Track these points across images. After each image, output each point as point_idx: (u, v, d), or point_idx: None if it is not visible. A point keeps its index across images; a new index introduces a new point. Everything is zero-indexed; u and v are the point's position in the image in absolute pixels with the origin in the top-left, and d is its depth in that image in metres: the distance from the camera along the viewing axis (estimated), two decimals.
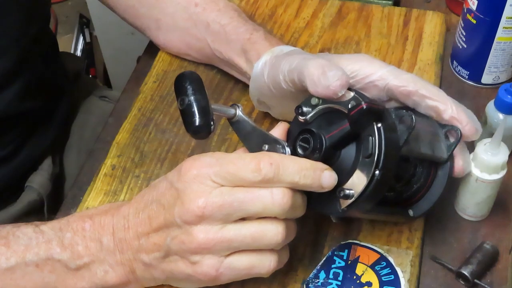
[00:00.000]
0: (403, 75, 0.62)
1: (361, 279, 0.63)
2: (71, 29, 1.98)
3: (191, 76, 0.58)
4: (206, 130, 0.56)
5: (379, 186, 0.55)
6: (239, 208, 0.54)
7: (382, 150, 0.55)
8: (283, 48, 0.69)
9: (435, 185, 0.62)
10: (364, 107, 0.55)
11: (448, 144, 0.61)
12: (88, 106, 0.96)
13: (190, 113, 0.56)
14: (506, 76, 0.81)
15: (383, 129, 0.55)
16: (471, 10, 0.77)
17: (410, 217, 0.62)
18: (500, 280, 0.64)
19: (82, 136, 0.93)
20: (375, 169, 0.55)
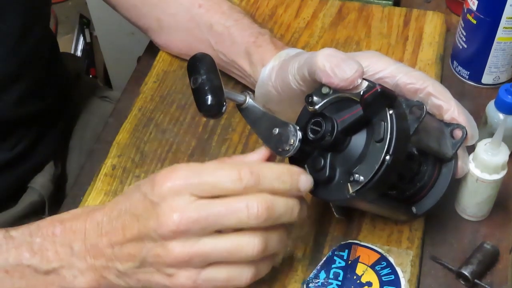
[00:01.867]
0: (412, 72, 0.62)
1: (362, 279, 0.63)
2: (71, 29, 1.98)
3: (205, 57, 0.58)
4: (218, 110, 0.55)
5: (388, 171, 0.55)
6: (214, 222, 0.53)
7: (394, 135, 0.55)
8: (289, 52, 0.69)
9: (439, 183, 0.62)
10: (379, 90, 0.55)
11: (454, 142, 0.62)
12: (88, 107, 0.96)
13: (203, 91, 0.55)
14: (507, 76, 0.81)
15: (395, 115, 0.55)
16: (471, 10, 0.77)
17: (413, 214, 0.62)
18: (500, 280, 0.64)
19: (83, 136, 0.93)
20: (386, 153, 0.55)
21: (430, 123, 0.61)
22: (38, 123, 0.83)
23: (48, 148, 0.86)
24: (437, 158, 0.62)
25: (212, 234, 0.53)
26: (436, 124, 0.62)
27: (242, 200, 0.53)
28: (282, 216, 0.55)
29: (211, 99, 0.55)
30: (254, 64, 0.72)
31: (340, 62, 0.57)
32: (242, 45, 0.74)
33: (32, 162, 0.83)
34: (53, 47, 0.90)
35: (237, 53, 0.75)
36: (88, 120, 0.94)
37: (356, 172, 0.56)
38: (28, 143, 0.82)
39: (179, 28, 0.81)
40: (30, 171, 0.84)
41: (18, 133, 0.80)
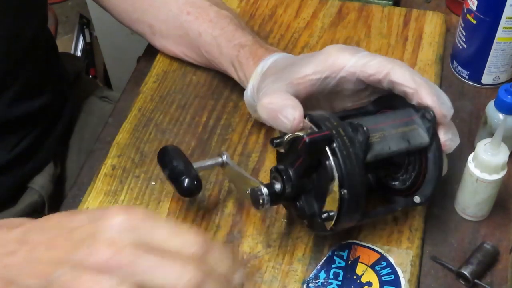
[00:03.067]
0: (371, 62, 0.62)
1: (361, 279, 0.63)
2: (71, 29, 1.98)
3: (169, 148, 0.67)
4: (196, 189, 0.63)
5: (351, 201, 0.57)
6: (143, 273, 0.48)
7: (342, 170, 0.56)
8: (264, 66, 0.69)
9: (430, 168, 0.62)
10: (307, 141, 0.57)
11: (427, 127, 0.61)
12: (88, 107, 0.96)
13: (178, 178, 0.64)
14: (506, 76, 0.81)
15: (337, 150, 0.57)
16: (471, 10, 0.77)
17: (416, 203, 0.62)
18: (500, 280, 0.64)
19: (82, 136, 0.93)
20: (340, 189, 0.57)
21: (389, 126, 0.61)
22: (37, 124, 0.83)
23: (48, 148, 0.86)
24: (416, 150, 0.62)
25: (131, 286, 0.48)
26: (400, 119, 0.62)
27: (179, 266, 0.49)
28: None
29: (187, 181, 0.63)
30: (241, 79, 0.73)
31: (278, 114, 0.60)
32: (228, 57, 0.74)
33: (32, 162, 0.83)
34: (50, 47, 0.90)
35: (226, 65, 0.75)
36: (87, 120, 0.94)
37: (325, 210, 0.59)
38: (27, 144, 0.82)
39: (171, 35, 0.81)
40: (30, 171, 0.84)
41: (17, 134, 0.80)
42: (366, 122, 0.60)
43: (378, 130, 0.60)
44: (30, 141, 0.82)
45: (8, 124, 0.78)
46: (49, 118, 0.86)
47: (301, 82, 0.63)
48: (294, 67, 0.64)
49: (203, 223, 0.68)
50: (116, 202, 0.70)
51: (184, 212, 0.70)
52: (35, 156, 0.83)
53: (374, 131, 0.60)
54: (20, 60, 0.77)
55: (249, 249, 0.66)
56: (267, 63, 0.69)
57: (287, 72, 0.64)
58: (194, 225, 0.68)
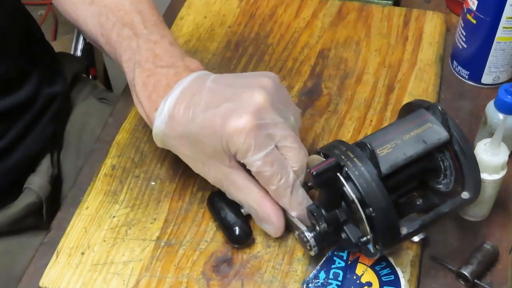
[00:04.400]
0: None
1: (361, 279, 0.63)
2: (71, 29, 1.97)
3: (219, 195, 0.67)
4: (245, 238, 0.65)
5: (380, 218, 0.56)
6: None
7: (360, 190, 0.56)
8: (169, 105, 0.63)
9: (462, 161, 0.60)
10: (314, 173, 0.57)
11: (440, 121, 0.60)
12: (87, 108, 0.96)
13: (227, 227, 0.66)
14: (506, 76, 0.81)
15: (350, 173, 0.57)
16: (471, 10, 0.77)
17: (465, 200, 0.61)
18: (500, 280, 0.64)
19: (80, 138, 0.93)
20: (364, 210, 0.57)
21: (398, 133, 0.60)
22: (23, 117, 0.82)
23: (39, 143, 0.85)
24: (441, 146, 0.61)
25: None
26: (409, 124, 0.61)
27: None
28: None
29: (238, 230, 0.65)
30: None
31: (262, 223, 0.65)
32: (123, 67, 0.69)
33: (22, 157, 0.83)
34: (30, 43, 0.87)
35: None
36: (86, 121, 0.94)
37: (361, 236, 0.59)
38: (14, 137, 0.81)
39: None
40: (22, 168, 0.84)
41: (1, 126, 0.80)
42: (374, 136, 0.60)
43: (388, 141, 0.60)
44: (19, 136, 0.82)
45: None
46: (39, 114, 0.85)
47: None
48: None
49: (203, 223, 0.68)
50: (116, 202, 0.71)
51: (184, 212, 0.70)
52: (24, 152, 0.83)
53: (385, 143, 0.59)
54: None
55: (249, 249, 0.66)
56: (162, 121, 0.63)
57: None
58: (194, 225, 0.68)
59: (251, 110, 0.60)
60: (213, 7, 0.93)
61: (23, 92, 0.83)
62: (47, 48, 0.94)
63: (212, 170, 0.64)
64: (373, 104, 0.79)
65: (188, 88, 0.63)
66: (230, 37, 0.89)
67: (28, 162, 0.85)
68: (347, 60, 0.85)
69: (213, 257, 0.66)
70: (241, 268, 0.64)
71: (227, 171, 0.63)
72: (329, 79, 0.83)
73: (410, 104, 0.64)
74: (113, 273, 0.65)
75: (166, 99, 0.63)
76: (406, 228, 0.59)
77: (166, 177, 0.73)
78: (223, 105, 0.61)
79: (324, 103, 0.80)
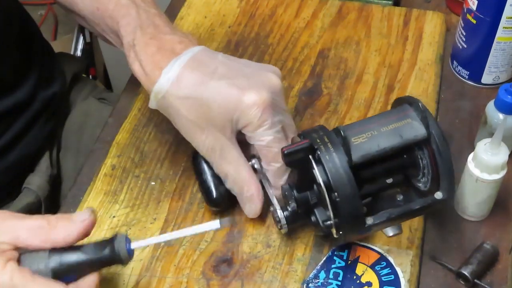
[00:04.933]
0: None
1: (361, 279, 0.63)
2: (71, 29, 1.97)
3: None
4: (221, 201, 0.67)
5: (345, 203, 0.57)
6: None
7: (327, 174, 0.57)
8: (169, 79, 0.64)
9: (438, 161, 0.60)
10: (285, 152, 0.58)
11: (420, 118, 0.60)
12: (86, 108, 0.95)
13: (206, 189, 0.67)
14: (506, 76, 0.81)
15: (321, 156, 0.57)
16: (471, 10, 0.77)
17: (438, 200, 0.60)
18: (500, 280, 0.64)
19: (80, 138, 0.93)
20: (329, 195, 0.57)
21: (376, 125, 0.61)
22: (22, 116, 0.83)
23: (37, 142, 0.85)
24: (420, 142, 0.61)
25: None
26: (389, 118, 0.61)
27: None
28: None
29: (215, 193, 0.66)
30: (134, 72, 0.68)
31: (243, 192, 0.65)
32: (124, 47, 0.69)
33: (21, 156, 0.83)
34: (28, 44, 0.87)
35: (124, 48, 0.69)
36: (85, 121, 0.94)
37: (325, 220, 0.60)
38: (13, 137, 0.81)
39: None
40: (21, 167, 0.84)
41: (2, 124, 0.80)
42: (353, 125, 0.61)
43: (365, 131, 0.60)
44: (18, 135, 0.82)
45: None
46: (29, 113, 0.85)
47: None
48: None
49: (203, 223, 0.68)
50: (116, 202, 0.71)
51: (184, 212, 0.70)
52: (23, 151, 0.83)
53: (361, 132, 0.60)
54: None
55: (249, 249, 0.66)
56: (169, 79, 0.64)
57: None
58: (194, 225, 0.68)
59: (270, 90, 0.63)
60: (213, 7, 0.93)
61: (21, 92, 0.82)
62: (45, 48, 0.93)
63: (209, 138, 0.64)
64: (373, 104, 0.79)
65: (197, 57, 0.64)
66: (230, 37, 0.89)
67: (27, 161, 0.85)
68: (347, 60, 0.85)
69: (213, 257, 0.66)
70: (241, 268, 0.65)
71: (224, 142, 0.63)
72: (329, 79, 0.83)
73: (400, 99, 0.64)
74: (113, 273, 0.65)
75: (175, 60, 0.64)
76: (372, 219, 0.60)
77: (166, 177, 0.73)
78: (241, 78, 0.63)
79: (324, 103, 0.80)
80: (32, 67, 0.85)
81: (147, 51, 0.65)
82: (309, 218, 0.63)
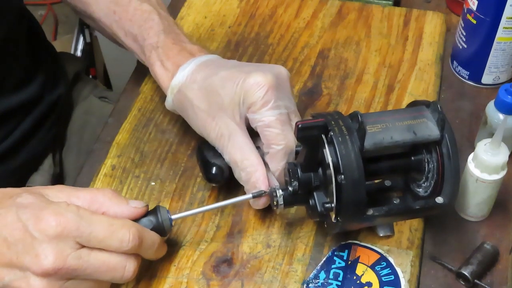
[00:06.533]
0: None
1: (361, 279, 0.63)
2: (71, 29, 1.98)
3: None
4: (220, 177, 0.67)
5: (349, 187, 0.57)
6: (90, 274, 0.55)
7: (338, 155, 0.57)
8: (180, 79, 0.68)
9: (446, 165, 0.60)
10: (300, 126, 0.58)
11: (436, 119, 0.60)
12: (88, 107, 0.96)
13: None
14: (506, 76, 0.81)
15: (334, 137, 0.57)
16: (471, 10, 0.77)
17: (438, 204, 0.60)
18: (500, 281, 0.64)
19: (82, 136, 0.93)
20: (336, 176, 0.57)
21: (392, 119, 0.60)
22: (28, 118, 0.83)
23: (43, 144, 0.86)
24: (430, 145, 0.61)
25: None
26: (406, 115, 0.61)
27: (122, 262, 0.56)
28: None
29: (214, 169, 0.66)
30: (157, 79, 0.72)
31: (250, 180, 0.64)
32: (145, 56, 0.73)
33: (27, 158, 0.83)
34: (32, 44, 0.88)
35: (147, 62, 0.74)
36: (87, 120, 0.94)
37: (326, 202, 0.59)
38: (19, 139, 0.81)
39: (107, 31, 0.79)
40: (26, 168, 0.84)
41: (4, 128, 0.80)
42: (369, 115, 0.61)
43: (380, 122, 0.60)
44: (24, 137, 0.82)
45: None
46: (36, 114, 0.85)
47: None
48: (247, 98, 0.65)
49: (203, 223, 0.68)
50: None
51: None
52: (29, 153, 0.83)
53: (376, 123, 0.60)
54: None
55: (249, 249, 0.66)
56: (184, 74, 0.68)
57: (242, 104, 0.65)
58: (194, 225, 0.68)
59: (276, 74, 0.65)
60: (213, 7, 0.93)
61: (28, 92, 0.83)
62: (49, 48, 0.94)
63: (219, 124, 0.65)
64: (373, 104, 0.79)
65: (213, 59, 0.70)
66: (230, 37, 0.89)
67: (33, 162, 0.85)
68: (347, 60, 0.85)
69: (213, 257, 0.66)
70: (241, 268, 0.65)
71: (233, 128, 0.64)
72: (329, 79, 0.83)
73: (416, 102, 0.64)
74: None
75: (192, 59, 0.69)
76: (372, 210, 0.59)
77: (166, 177, 0.73)
78: (249, 66, 0.68)
79: (324, 103, 0.80)
80: (40, 67, 0.86)
81: (169, 53, 0.70)
82: (306, 201, 0.62)
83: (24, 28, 0.85)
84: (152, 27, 0.72)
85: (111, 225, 0.55)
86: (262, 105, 0.63)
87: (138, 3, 0.74)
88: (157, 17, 0.73)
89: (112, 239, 0.55)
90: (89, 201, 0.58)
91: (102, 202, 0.58)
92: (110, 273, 0.56)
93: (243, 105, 0.64)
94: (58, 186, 0.60)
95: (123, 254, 0.56)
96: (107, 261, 0.55)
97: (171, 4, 0.96)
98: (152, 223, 0.60)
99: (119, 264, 0.56)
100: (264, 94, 0.63)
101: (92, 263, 0.55)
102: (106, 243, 0.55)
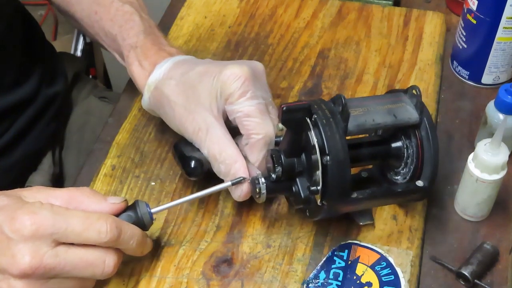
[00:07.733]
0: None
1: (361, 279, 0.63)
2: (71, 29, 1.97)
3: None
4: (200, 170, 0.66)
5: (335, 168, 0.57)
6: (70, 272, 0.55)
7: (323, 137, 0.57)
8: (156, 78, 0.68)
9: (425, 148, 0.62)
10: (284, 108, 0.58)
11: (414, 103, 0.62)
12: (87, 107, 0.96)
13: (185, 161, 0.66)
14: (506, 76, 0.81)
15: (318, 120, 0.58)
16: (471, 10, 0.77)
17: (419, 187, 0.61)
18: (500, 281, 0.64)
19: (82, 136, 0.93)
20: (321, 158, 0.57)
21: (374, 102, 0.62)
22: (24, 113, 0.83)
23: (40, 141, 0.85)
24: (409, 130, 0.62)
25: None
26: (387, 99, 0.62)
27: (101, 256, 0.56)
28: None
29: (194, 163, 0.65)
30: (133, 79, 0.72)
31: (230, 171, 0.63)
32: (124, 55, 0.74)
33: (24, 155, 0.83)
34: (29, 45, 0.88)
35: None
36: (86, 120, 0.94)
37: (311, 185, 0.59)
38: (16, 136, 0.81)
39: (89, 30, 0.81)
40: (24, 166, 0.84)
41: (1, 124, 0.80)
42: (351, 100, 0.61)
43: (362, 106, 0.61)
44: (21, 134, 0.82)
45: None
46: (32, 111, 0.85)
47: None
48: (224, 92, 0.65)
49: (203, 223, 0.68)
50: None
51: (184, 212, 0.70)
52: (26, 150, 0.83)
53: (358, 106, 0.61)
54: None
55: (249, 249, 0.66)
56: (161, 72, 0.68)
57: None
58: (194, 225, 0.68)
59: (251, 67, 0.65)
60: (213, 7, 0.93)
61: (24, 90, 0.83)
62: (48, 47, 0.94)
63: (197, 118, 0.64)
64: None
65: (189, 59, 0.70)
66: (230, 37, 0.89)
67: (29, 160, 0.85)
68: (347, 60, 0.85)
69: (213, 257, 0.66)
70: (241, 268, 0.65)
71: (211, 121, 0.64)
72: (329, 79, 0.83)
73: (393, 90, 0.66)
74: None
75: (169, 58, 0.69)
76: (356, 193, 0.60)
77: (166, 177, 0.73)
78: (225, 62, 0.67)
79: None
80: (35, 66, 0.86)
81: (147, 52, 0.71)
82: (289, 188, 0.63)
83: (20, 28, 0.85)
84: (132, 27, 0.73)
85: (87, 218, 0.55)
86: (239, 95, 0.63)
87: (120, 4, 0.75)
88: (138, 19, 0.74)
89: (89, 231, 0.55)
90: (67, 200, 0.57)
91: (81, 201, 0.58)
92: (90, 268, 0.56)
93: (220, 97, 0.64)
94: (36, 187, 0.60)
95: (102, 248, 0.56)
96: (85, 257, 0.55)
97: (171, 4, 0.96)
98: (131, 218, 0.60)
99: (98, 259, 0.56)
100: (241, 84, 0.63)
101: (70, 260, 0.54)
102: (84, 236, 0.55)
